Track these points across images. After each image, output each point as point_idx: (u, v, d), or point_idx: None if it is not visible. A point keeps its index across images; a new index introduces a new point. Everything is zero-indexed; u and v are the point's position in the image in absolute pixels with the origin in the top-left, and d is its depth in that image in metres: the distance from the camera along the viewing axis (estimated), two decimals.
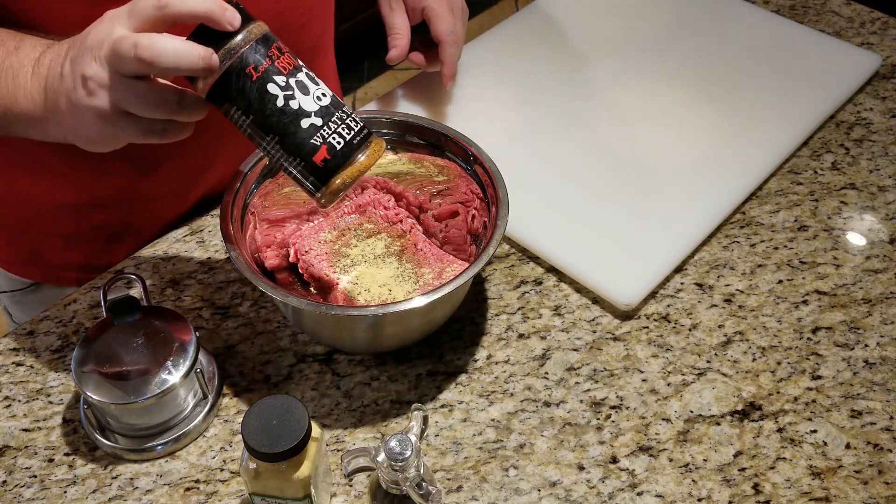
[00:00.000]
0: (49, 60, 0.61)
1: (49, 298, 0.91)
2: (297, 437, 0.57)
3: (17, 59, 0.63)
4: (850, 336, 0.77)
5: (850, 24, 1.10)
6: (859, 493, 0.67)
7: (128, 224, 0.87)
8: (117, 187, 0.84)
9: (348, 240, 0.80)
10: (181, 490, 0.67)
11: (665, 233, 0.83)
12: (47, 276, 0.91)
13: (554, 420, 0.71)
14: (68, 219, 0.86)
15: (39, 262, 0.90)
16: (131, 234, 0.87)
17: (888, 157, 0.93)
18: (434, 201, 0.81)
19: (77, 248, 0.88)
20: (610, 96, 0.98)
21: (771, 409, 0.72)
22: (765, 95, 0.97)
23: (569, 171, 0.90)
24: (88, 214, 0.85)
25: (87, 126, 0.60)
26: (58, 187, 0.83)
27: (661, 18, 1.09)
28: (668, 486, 0.67)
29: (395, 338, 0.73)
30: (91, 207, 0.85)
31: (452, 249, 0.79)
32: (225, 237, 0.70)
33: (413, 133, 0.80)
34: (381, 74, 2.46)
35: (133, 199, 0.85)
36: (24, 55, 0.63)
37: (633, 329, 0.78)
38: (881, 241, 0.85)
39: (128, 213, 0.86)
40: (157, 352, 0.67)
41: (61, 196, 0.83)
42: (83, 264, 0.88)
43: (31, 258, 0.90)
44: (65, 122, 0.61)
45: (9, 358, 0.76)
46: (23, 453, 0.69)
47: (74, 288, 0.82)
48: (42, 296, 0.92)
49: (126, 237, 0.87)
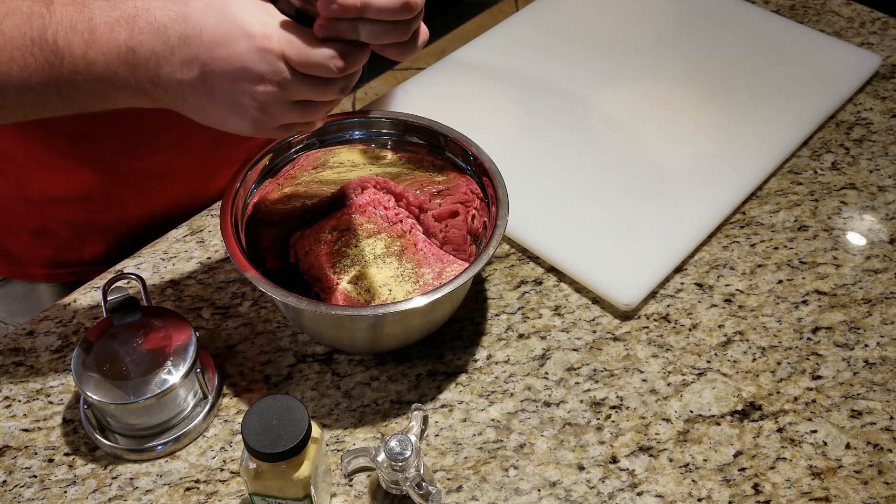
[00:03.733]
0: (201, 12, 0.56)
1: (17, 294, 0.91)
2: (297, 437, 0.57)
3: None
4: (850, 336, 0.77)
5: (850, 24, 1.10)
6: (859, 493, 0.67)
7: (92, 221, 0.87)
8: (82, 182, 0.83)
9: (348, 240, 0.80)
10: (181, 490, 0.67)
11: (665, 233, 0.83)
12: (15, 272, 0.90)
13: (554, 420, 0.71)
14: (33, 213, 0.85)
15: (7, 257, 0.89)
16: (96, 232, 0.87)
17: (888, 157, 0.93)
18: (434, 201, 0.81)
19: (44, 244, 0.87)
20: (610, 96, 0.98)
21: (771, 409, 0.72)
22: (765, 95, 0.97)
23: (569, 171, 0.90)
24: (55, 209, 0.85)
25: (235, 111, 0.58)
26: (22, 181, 0.83)
27: (661, 18, 1.09)
28: (668, 486, 0.67)
29: (395, 338, 0.73)
30: (56, 202, 0.84)
31: (452, 249, 0.79)
32: (225, 237, 0.70)
33: (413, 133, 0.80)
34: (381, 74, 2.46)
35: (96, 196, 0.85)
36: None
37: (633, 329, 0.78)
38: (881, 241, 0.85)
39: (93, 210, 0.86)
40: (157, 352, 0.67)
41: (25, 190, 0.83)
42: (51, 259, 0.88)
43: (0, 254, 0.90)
44: (211, 97, 0.58)
45: (9, 358, 0.76)
46: (23, 453, 0.69)
47: (41, 284, 0.82)
48: (10, 290, 0.92)
49: (92, 234, 0.87)
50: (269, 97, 0.56)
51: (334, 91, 0.58)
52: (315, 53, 0.55)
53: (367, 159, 0.82)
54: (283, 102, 0.57)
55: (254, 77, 0.56)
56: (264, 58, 0.55)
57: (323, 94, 0.58)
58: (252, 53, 0.55)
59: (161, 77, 0.57)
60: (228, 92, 0.57)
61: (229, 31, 0.55)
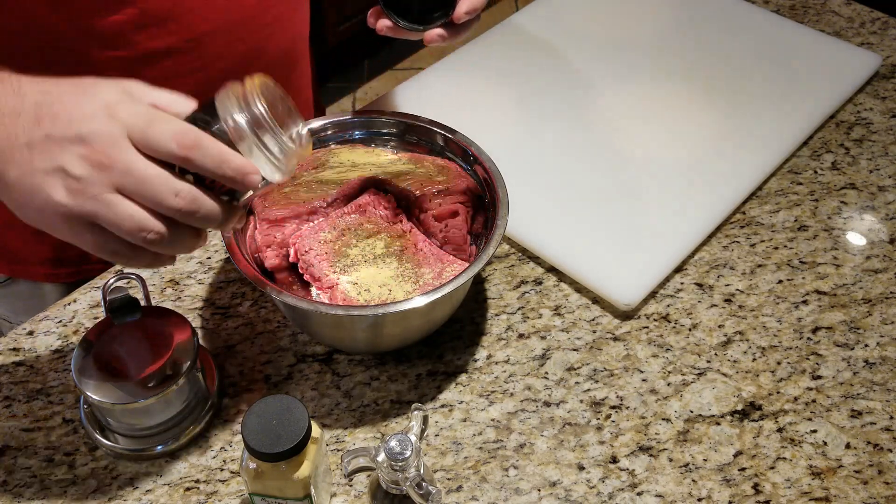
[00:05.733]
0: (8, 100, 0.53)
1: (21, 294, 0.90)
2: (297, 437, 0.57)
3: None
4: (850, 336, 0.77)
5: (850, 24, 1.10)
6: (859, 493, 0.67)
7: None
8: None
9: (348, 240, 0.80)
10: (181, 490, 0.67)
11: (665, 232, 0.83)
12: (16, 270, 0.90)
13: (554, 420, 0.71)
14: None
15: (7, 256, 0.89)
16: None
17: (888, 157, 0.93)
18: (434, 201, 0.81)
19: (44, 240, 0.87)
20: (610, 96, 0.98)
21: (771, 409, 0.72)
22: (765, 95, 0.97)
23: (569, 171, 0.90)
24: None
25: (37, 211, 0.53)
26: None
27: (661, 18, 1.09)
28: (668, 486, 0.67)
29: (395, 338, 0.73)
30: None
31: (452, 249, 0.79)
32: (225, 237, 0.70)
33: (413, 133, 0.80)
34: (381, 74, 2.46)
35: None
36: None
37: (633, 329, 0.78)
38: (881, 241, 0.85)
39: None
40: (157, 352, 0.67)
41: None
42: (52, 257, 0.88)
43: (1, 252, 0.89)
44: (5, 185, 0.53)
45: (9, 358, 0.76)
46: (23, 453, 0.69)
47: (45, 283, 0.82)
48: (15, 290, 0.92)
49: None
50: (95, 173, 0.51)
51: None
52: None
53: (367, 159, 0.82)
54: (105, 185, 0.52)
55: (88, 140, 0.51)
56: (110, 113, 0.52)
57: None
58: (102, 110, 0.52)
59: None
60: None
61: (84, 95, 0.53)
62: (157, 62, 0.75)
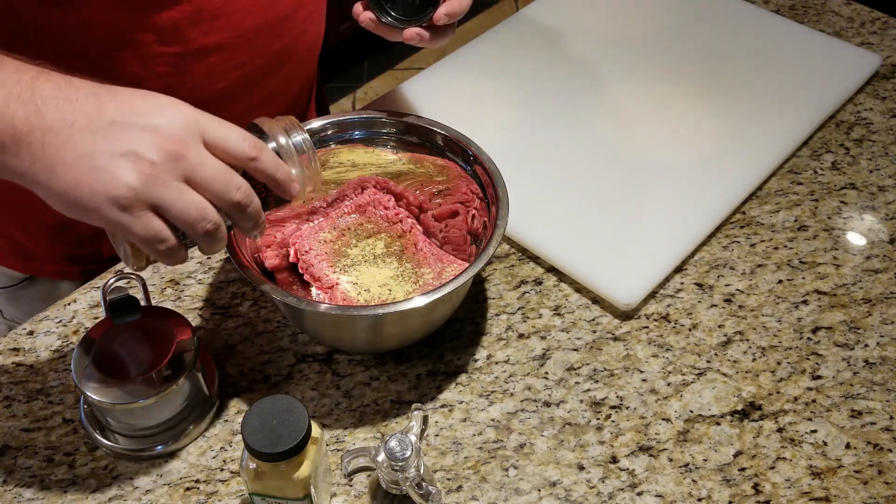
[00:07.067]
0: (60, 91, 0.54)
1: (41, 294, 0.91)
2: (297, 437, 0.57)
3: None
4: (850, 336, 0.77)
5: (850, 24, 1.10)
6: (859, 493, 0.67)
7: None
8: None
9: (348, 240, 0.80)
10: (181, 490, 0.67)
11: (665, 233, 0.83)
12: (28, 267, 0.90)
13: (554, 420, 0.71)
14: (47, 209, 0.85)
15: (25, 255, 0.89)
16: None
17: (888, 157, 0.93)
18: (434, 201, 0.81)
19: (62, 239, 0.87)
20: (610, 96, 0.98)
21: (771, 409, 0.72)
22: (765, 95, 0.97)
23: (568, 171, 0.90)
24: None
25: (94, 193, 0.53)
26: None
27: (660, 18, 1.09)
28: (668, 486, 0.67)
29: (395, 338, 0.73)
30: None
31: (452, 249, 0.79)
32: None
33: (413, 133, 0.80)
34: (381, 74, 2.46)
35: None
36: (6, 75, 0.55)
37: (633, 329, 0.78)
38: (881, 241, 0.85)
39: None
40: (157, 352, 0.67)
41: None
42: (69, 255, 0.88)
43: (16, 250, 0.89)
44: (52, 167, 0.53)
45: (9, 358, 0.76)
46: (23, 453, 0.69)
47: (65, 282, 0.82)
48: (34, 291, 0.92)
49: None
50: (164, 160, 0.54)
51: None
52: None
53: (367, 159, 0.82)
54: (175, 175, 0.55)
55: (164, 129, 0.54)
56: (181, 111, 0.55)
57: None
58: (171, 107, 0.55)
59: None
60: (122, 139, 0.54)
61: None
62: (205, 57, 0.76)
